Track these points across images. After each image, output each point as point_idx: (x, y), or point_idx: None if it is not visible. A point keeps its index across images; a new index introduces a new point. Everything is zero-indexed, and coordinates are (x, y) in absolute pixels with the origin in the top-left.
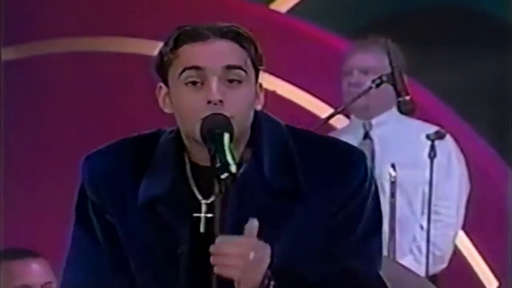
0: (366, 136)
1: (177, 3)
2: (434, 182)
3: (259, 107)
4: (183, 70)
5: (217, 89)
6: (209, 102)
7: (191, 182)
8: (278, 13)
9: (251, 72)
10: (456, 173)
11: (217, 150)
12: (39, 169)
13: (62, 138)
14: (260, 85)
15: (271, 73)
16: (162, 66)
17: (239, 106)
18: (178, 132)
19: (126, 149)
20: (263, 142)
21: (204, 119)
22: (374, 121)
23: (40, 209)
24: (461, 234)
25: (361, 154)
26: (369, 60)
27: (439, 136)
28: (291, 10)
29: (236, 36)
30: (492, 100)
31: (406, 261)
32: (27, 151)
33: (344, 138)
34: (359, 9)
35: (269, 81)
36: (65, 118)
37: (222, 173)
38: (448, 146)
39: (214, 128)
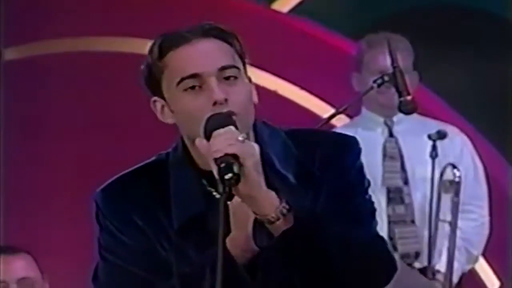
0: (391, 134)
1: (178, 2)
2: (463, 182)
3: (256, 100)
4: (181, 80)
5: (219, 89)
6: (214, 103)
7: (210, 189)
8: (279, 13)
9: (241, 66)
10: (481, 173)
11: None
12: (39, 169)
13: (62, 138)
14: (250, 79)
15: (272, 73)
16: (153, 78)
17: (242, 101)
18: (182, 145)
19: (140, 178)
20: (267, 144)
21: (208, 119)
22: (395, 118)
23: (40, 208)
24: None
25: (353, 137)
26: (398, 60)
27: (441, 136)
28: (293, 10)
29: (218, 34)
30: (494, 99)
31: (443, 258)
32: (27, 151)
33: (364, 134)
34: (360, 9)
35: (270, 81)
36: (65, 118)
37: (226, 174)
38: (469, 146)
39: (218, 126)
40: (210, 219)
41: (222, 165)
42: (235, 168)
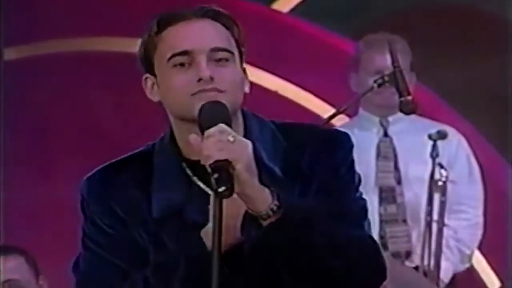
0: (386, 134)
1: (178, 2)
2: (457, 182)
3: (247, 89)
4: (172, 56)
5: (206, 67)
6: (199, 80)
7: (195, 179)
8: (279, 13)
9: (236, 52)
10: (477, 173)
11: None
12: (39, 168)
13: (62, 138)
14: (244, 70)
15: (273, 73)
16: (146, 55)
17: (229, 81)
18: (169, 134)
19: (125, 167)
20: (256, 137)
21: (201, 109)
22: (391, 118)
23: (40, 207)
24: None
25: (344, 133)
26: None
27: (441, 136)
28: (293, 10)
29: (218, 16)
30: (494, 99)
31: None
32: (27, 151)
33: (360, 135)
34: (360, 8)
35: (270, 81)
36: (65, 118)
37: (219, 187)
38: (465, 146)
39: (210, 123)
40: (190, 209)
41: (215, 175)
42: (229, 180)
